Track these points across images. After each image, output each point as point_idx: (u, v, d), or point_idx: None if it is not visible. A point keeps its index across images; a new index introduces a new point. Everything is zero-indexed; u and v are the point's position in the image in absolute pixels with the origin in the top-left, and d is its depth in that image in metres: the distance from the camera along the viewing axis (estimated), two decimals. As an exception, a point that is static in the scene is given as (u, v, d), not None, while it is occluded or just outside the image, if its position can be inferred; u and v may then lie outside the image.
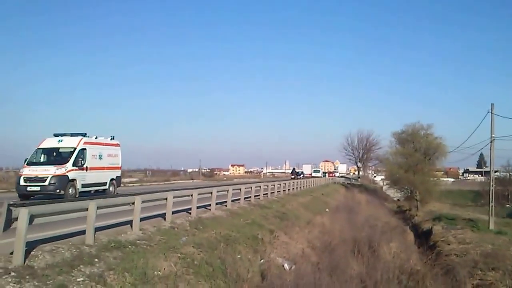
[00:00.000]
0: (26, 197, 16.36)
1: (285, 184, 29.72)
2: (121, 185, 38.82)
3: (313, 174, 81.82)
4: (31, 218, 7.09)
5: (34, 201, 7.78)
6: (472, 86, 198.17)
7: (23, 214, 6.86)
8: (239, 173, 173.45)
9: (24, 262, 6.86)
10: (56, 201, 8.21)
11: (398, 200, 63.14)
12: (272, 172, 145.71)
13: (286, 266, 12.61)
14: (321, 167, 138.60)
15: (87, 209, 8.72)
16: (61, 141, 18.27)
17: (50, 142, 18.29)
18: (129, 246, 9.10)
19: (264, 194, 23.00)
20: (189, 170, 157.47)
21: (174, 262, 8.99)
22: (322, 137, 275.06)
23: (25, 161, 17.62)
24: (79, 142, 18.16)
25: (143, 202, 10.79)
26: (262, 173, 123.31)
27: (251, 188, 21.22)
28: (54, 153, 18.29)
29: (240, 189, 19.39)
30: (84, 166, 18.04)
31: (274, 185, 26.28)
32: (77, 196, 17.01)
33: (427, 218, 40.73)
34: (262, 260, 12.08)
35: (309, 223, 19.90)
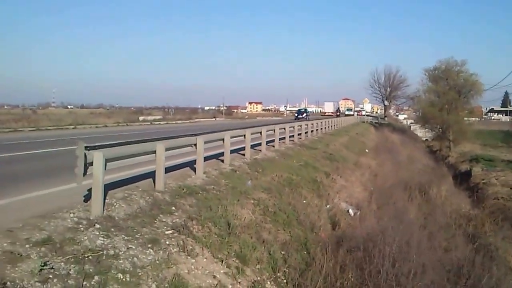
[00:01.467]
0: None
1: (322, 123, 28.61)
2: (148, 123, 38.23)
3: (346, 113, 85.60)
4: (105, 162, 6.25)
5: (104, 143, 6.68)
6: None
7: (98, 158, 5.98)
8: (256, 110, 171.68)
9: (103, 212, 6.08)
10: (123, 143, 7.27)
11: (427, 140, 61.79)
12: (291, 110, 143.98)
13: (351, 211, 11.88)
14: (341, 105, 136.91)
15: (154, 152, 7.84)
16: None
17: None
18: (200, 192, 8.28)
19: (304, 133, 22.10)
20: (206, 108, 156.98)
21: (251, 210, 8.22)
22: (341, 74, 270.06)
23: None
24: None
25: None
26: (284, 111, 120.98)
27: (294, 127, 20.29)
28: None
29: (285, 129, 18.41)
30: None
31: (313, 124, 25.26)
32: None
33: (462, 159, 39.63)
34: (328, 206, 11.32)
35: (356, 164, 19.01)
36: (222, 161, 11.59)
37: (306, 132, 22.58)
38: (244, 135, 13.36)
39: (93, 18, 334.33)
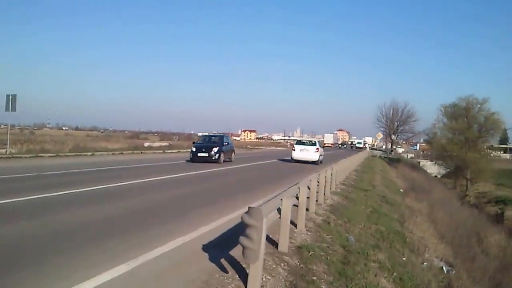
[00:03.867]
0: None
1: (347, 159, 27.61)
2: (161, 151, 37.12)
3: (357, 145, 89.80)
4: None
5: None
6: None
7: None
8: (250, 139, 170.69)
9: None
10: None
11: (436, 176, 60.96)
12: (285, 140, 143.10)
13: (445, 269, 10.75)
14: (340, 137, 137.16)
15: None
16: None
17: None
18: (321, 253, 7.18)
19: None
20: (199, 134, 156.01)
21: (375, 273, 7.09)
22: (335, 105, 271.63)
23: None
24: None
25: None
26: (282, 140, 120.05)
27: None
28: None
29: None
30: None
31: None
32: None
33: (485, 200, 38.85)
34: (425, 264, 10.18)
35: (409, 208, 17.93)
36: (307, 209, 10.48)
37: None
38: (319, 177, 12.32)
39: (87, 41, 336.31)
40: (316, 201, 11.99)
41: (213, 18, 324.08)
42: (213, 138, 27.11)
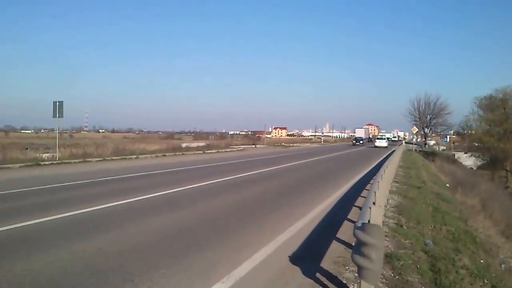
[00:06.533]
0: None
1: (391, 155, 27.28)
2: (201, 152, 37.31)
3: (393, 139, 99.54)
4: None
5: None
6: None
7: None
8: (281, 136, 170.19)
9: None
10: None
11: (472, 168, 59.52)
12: (316, 136, 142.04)
13: (520, 270, 10.41)
14: (371, 132, 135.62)
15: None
16: None
17: None
18: (409, 262, 7.06)
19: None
20: (231, 132, 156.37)
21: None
22: (364, 99, 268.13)
23: None
24: None
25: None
26: (313, 136, 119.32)
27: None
28: None
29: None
30: None
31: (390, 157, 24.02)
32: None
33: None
34: (502, 266, 9.89)
35: (463, 204, 17.50)
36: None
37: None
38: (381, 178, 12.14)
39: (114, 40, 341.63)
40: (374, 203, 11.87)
41: (243, 15, 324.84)
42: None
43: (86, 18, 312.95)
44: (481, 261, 9.27)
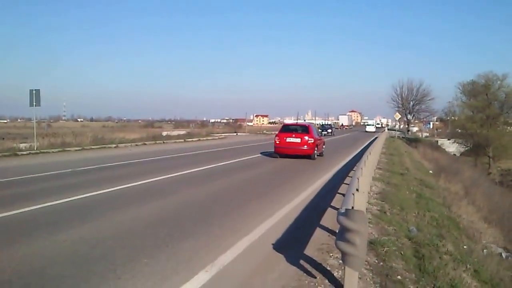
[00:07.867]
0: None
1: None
2: (182, 140, 37.01)
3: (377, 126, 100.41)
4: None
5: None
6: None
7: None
8: (262, 123, 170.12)
9: None
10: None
11: (454, 154, 60.33)
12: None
13: (504, 255, 10.50)
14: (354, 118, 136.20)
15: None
16: None
17: None
18: (393, 248, 6.98)
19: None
20: (212, 120, 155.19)
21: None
22: (346, 86, 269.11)
23: None
24: None
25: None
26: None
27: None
28: None
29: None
30: None
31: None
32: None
33: (511, 178, 38.29)
34: (485, 251, 9.93)
35: (447, 190, 17.62)
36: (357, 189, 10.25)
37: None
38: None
39: (100, 34, 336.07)
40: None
41: (221, 5, 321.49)
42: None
43: (63, 2, 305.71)
44: (464, 246, 9.29)
